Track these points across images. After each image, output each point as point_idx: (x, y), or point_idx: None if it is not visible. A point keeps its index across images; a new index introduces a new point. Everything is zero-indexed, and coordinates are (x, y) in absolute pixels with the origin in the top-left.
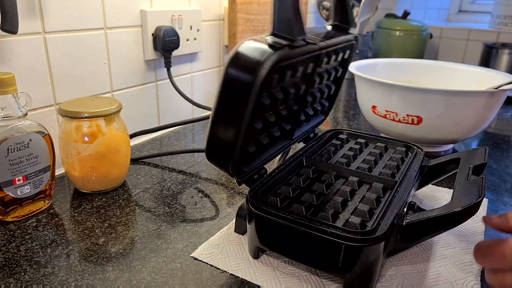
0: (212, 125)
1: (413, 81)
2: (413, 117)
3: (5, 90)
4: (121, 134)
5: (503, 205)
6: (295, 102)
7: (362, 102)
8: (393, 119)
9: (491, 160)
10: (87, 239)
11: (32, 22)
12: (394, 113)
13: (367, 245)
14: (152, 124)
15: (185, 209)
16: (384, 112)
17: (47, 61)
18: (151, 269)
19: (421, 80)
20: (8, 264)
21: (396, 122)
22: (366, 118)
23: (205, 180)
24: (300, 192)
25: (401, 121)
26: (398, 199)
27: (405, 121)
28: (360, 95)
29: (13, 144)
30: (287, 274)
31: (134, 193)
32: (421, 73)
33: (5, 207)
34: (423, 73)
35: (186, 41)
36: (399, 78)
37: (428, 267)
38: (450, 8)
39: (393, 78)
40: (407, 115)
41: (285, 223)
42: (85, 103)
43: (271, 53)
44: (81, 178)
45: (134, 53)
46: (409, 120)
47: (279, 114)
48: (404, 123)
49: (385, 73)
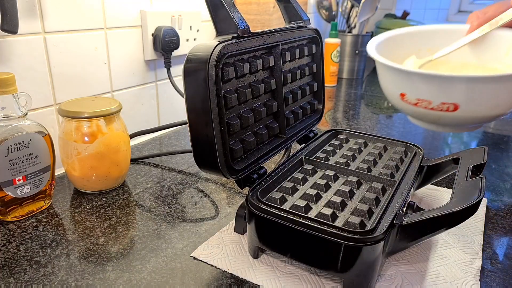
0: (190, 126)
1: (435, 49)
2: (448, 105)
3: (5, 90)
4: (121, 134)
5: (503, 205)
6: (273, 99)
7: (388, 89)
8: (426, 107)
9: (490, 160)
10: (87, 239)
11: (32, 22)
12: (427, 101)
13: (367, 245)
14: (152, 124)
15: (185, 209)
16: (415, 100)
17: (47, 61)
18: (151, 269)
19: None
20: (8, 264)
21: (428, 110)
22: (390, 102)
23: (205, 180)
24: (300, 192)
25: (434, 109)
26: (397, 199)
27: (440, 109)
28: (385, 81)
29: (13, 144)
30: (286, 273)
31: (134, 193)
32: (445, 40)
33: (5, 207)
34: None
35: (186, 41)
36: (421, 47)
37: (427, 267)
38: (450, 8)
39: (415, 48)
40: (442, 103)
41: (285, 223)
42: (85, 103)
43: (217, 44)
44: (81, 178)
45: (134, 53)
46: (443, 108)
47: (257, 111)
48: (438, 110)
49: (405, 44)
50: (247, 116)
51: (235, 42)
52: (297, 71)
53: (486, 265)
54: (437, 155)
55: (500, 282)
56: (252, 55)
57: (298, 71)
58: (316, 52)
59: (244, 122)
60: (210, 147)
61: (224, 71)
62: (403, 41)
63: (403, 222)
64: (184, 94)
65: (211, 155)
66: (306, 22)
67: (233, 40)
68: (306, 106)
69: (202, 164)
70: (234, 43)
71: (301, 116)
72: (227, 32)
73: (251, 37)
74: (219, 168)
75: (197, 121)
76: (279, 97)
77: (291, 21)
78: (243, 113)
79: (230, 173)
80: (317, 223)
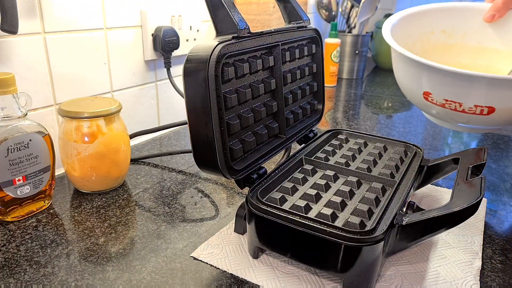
0: (190, 126)
1: (455, 32)
2: (482, 108)
3: (5, 90)
4: (121, 134)
5: (502, 205)
6: (273, 99)
7: (407, 85)
8: (455, 109)
9: (490, 160)
10: (87, 239)
11: (32, 22)
12: (457, 103)
13: (366, 245)
14: (152, 124)
15: (185, 209)
16: (442, 101)
17: (47, 61)
18: (151, 269)
19: (468, 31)
20: (8, 264)
21: (458, 112)
22: (410, 100)
23: (205, 180)
24: (300, 192)
25: (466, 112)
26: (397, 199)
27: (471, 111)
28: (404, 75)
29: (13, 144)
30: (286, 273)
31: (134, 193)
32: (460, 20)
33: (5, 207)
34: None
35: (186, 41)
36: (439, 28)
37: (427, 267)
38: None
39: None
40: (475, 106)
41: (285, 223)
42: (85, 103)
43: (217, 45)
44: (81, 178)
45: (134, 53)
46: (476, 111)
47: (257, 111)
48: (469, 113)
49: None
50: (247, 116)
51: (235, 42)
52: (297, 71)
53: (486, 265)
54: (437, 155)
55: (500, 282)
56: (252, 55)
57: (298, 71)
58: (316, 52)
59: (244, 122)
60: (210, 147)
61: (224, 71)
62: (414, 24)
63: (403, 222)
64: (184, 94)
65: (211, 155)
66: (306, 22)
67: (233, 40)
68: (306, 106)
69: (202, 164)
70: (234, 43)
71: (301, 116)
72: (227, 32)
73: (251, 37)
74: (219, 168)
75: (197, 121)
76: (279, 97)
77: (291, 21)
78: (243, 113)
79: (230, 173)
80: (317, 223)
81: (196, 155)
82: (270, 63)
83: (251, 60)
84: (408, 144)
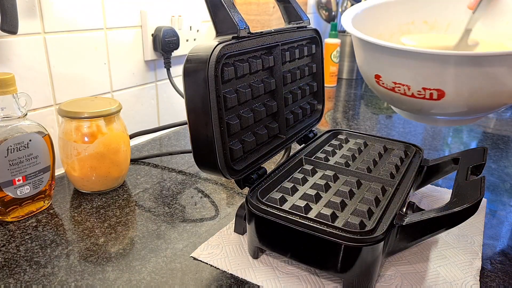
0: (190, 127)
1: (432, 21)
2: (431, 91)
3: (5, 90)
4: (121, 134)
5: (502, 205)
6: (272, 99)
7: (362, 69)
8: (404, 93)
9: (490, 160)
10: (87, 239)
11: (32, 22)
12: (405, 86)
13: (366, 245)
14: (152, 124)
15: (185, 209)
16: (392, 84)
17: (47, 61)
18: (151, 269)
19: (443, 21)
20: (8, 264)
21: (407, 97)
22: (369, 86)
23: (205, 180)
24: (300, 192)
25: (415, 96)
26: (397, 199)
27: (421, 95)
28: (359, 59)
29: (13, 144)
30: (286, 274)
31: (134, 193)
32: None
33: (5, 207)
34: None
35: (186, 41)
36: (415, 19)
37: (427, 267)
38: None
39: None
40: (423, 89)
41: (285, 223)
42: (85, 103)
43: (216, 45)
44: (81, 178)
45: (134, 54)
46: (426, 95)
47: (257, 111)
48: (419, 98)
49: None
50: (246, 116)
51: (235, 43)
52: (296, 71)
53: (486, 265)
54: (437, 155)
55: (500, 282)
56: (252, 56)
57: (298, 72)
58: (316, 53)
59: (244, 123)
60: (210, 147)
61: (224, 72)
62: (391, 12)
63: (403, 222)
64: (184, 94)
65: (211, 155)
66: (306, 23)
67: (233, 40)
68: (306, 107)
69: (202, 165)
70: (234, 44)
71: (301, 116)
72: (227, 32)
73: (251, 37)
74: (219, 168)
75: (197, 121)
76: (278, 98)
77: (291, 21)
78: (243, 113)
79: (230, 173)
80: (317, 223)
81: (196, 155)
82: (270, 63)
83: (251, 60)
84: (408, 144)
